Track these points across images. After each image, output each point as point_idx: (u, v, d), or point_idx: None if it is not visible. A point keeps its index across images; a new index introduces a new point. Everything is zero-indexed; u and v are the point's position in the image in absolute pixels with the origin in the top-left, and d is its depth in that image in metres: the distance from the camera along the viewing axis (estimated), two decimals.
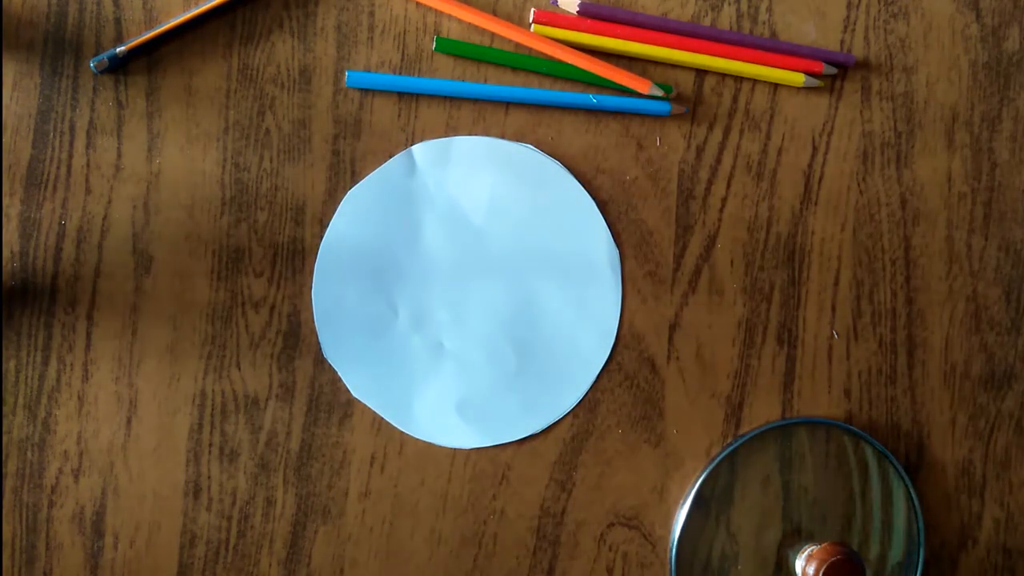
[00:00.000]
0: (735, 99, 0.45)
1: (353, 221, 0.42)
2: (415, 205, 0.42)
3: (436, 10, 0.42)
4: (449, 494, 0.43)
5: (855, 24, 0.46)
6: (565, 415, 0.44)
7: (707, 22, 0.45)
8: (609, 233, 0.44)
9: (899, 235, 0.47)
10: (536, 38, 0.43)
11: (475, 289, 0.43)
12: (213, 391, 0.41)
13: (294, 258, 0.42)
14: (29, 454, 0.40)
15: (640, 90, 0.43)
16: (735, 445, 0.45)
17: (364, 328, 0.42)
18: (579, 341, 0.43)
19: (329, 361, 0.42)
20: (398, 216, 0.42)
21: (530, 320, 0.43)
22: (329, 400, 0.41)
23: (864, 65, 0.46)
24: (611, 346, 0.44)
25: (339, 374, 0.42)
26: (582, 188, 0.43)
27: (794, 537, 0.45)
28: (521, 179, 0.43)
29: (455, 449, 0.43)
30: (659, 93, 0.44)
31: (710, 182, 0.45)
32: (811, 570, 0.42)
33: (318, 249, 0.42)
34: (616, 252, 0.44)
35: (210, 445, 0.41)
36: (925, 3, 0.47)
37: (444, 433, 0.43)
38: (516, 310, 0.43)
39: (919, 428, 0.47)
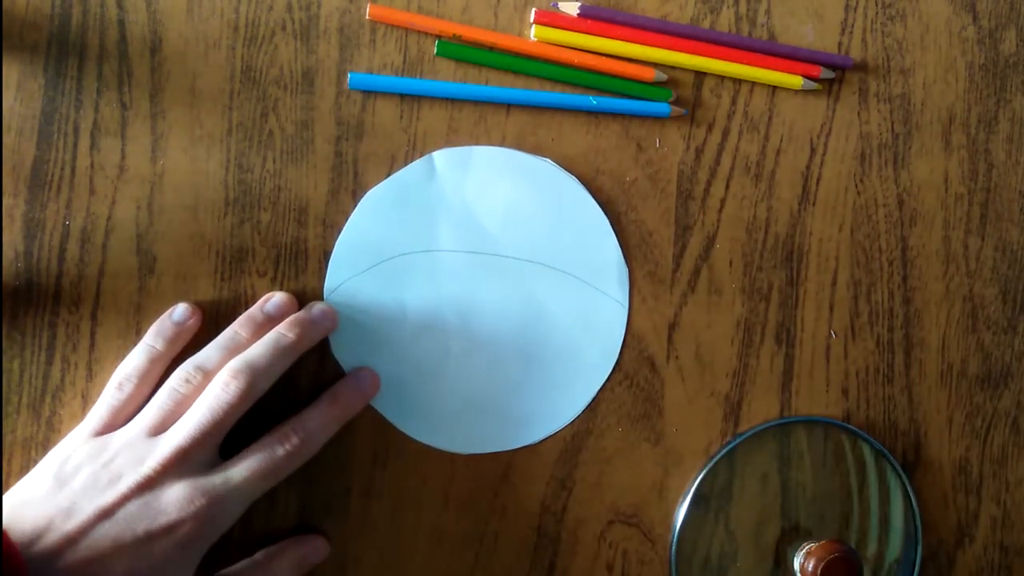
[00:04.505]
0: (734, 101, 0.45)
1: (370, 221, 0.42)
2: (432, 209, 0.43)
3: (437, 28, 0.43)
4: (451, 492, 0.43)
5: (853, 26, 0.47)
6: (563, 427, 0.44)
7: (706, 24, 0.45)
8: (620, 250, 0.44)
9: (896, 235, 0.47)
10: (537, 46, 0.43)
11: (485, 296, 0.43)
12: None
13: (297, 258, 0.42)
14: (33, 453, 0.40)
15: (644, 78, 0.44)
16: (734, 443, 0.45)
17: (373, 328, 0.42)
18: (583, 355, 0.44)
19: (337, 359, 0.42)
20: (414, 219, 0.42)
21: (537, 330, 0.43)
22: None
23: (862, 67, 0.47)
24: (614, 362, 0.44)
25: (345, 372, 0.42)
26: (596, 204, 0.44)
27: (792, 534, 0.45)
28: (537, 191, 0.43)
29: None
30: (664, 78, 0.44)
31: (709, 183, 0.45)
32: (809, 567, 0.43)
33: (321, 250, 0.42)
34: (626, 270, 0.44)
35: None
36: (922, 5, 0.47)
37: (445, 437, 0.43)
38: (524, 319, 0.43)
39: (916, 427, 0.47)
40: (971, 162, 0.48)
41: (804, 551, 0.44)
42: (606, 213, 0.44)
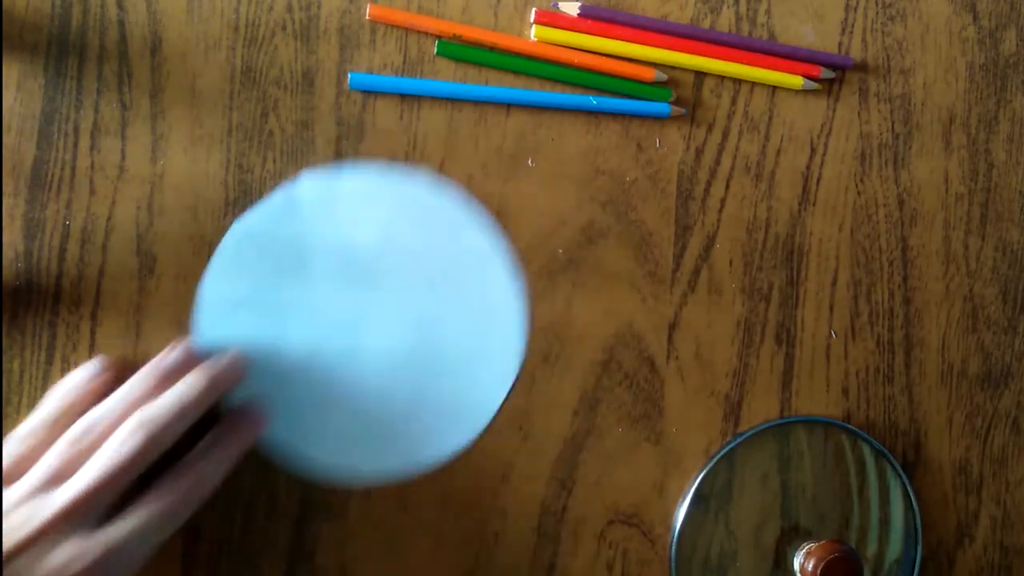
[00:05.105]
0: (734, 101, 0.45)
1: (238, 256, 0.41)
2: (302, 240, 0.41)
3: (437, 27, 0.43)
4: (451, 492, 0.43)
5: (853, 26, 0.47)
6: (463, 448, 0.43)
7: (706, 24, 0.45)
8: (503, 246, 0.43)
9: (896, 235, 0.47)
10: (537, 46, 0.43)
11: (370, 323, 0.42)
12: None
13: None
14: None
15: (644, 78, 0.44)
16: (734, 443, 0.45)
17: (257, 367, 0.41)
18: (482, 363, 0.43)
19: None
20: (284, 252, 0.41)
21: (427, 349, 0.42)
22: None
23: (862, 67, 0.47)
24: (519, 363, 0.43)
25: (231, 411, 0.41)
26: (473, 212, 0.43)
27: (792, 534, 0.45)
28: (413, 210, 0.42)
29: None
30: (664, 78, 0.44)
31: (709, 183, 0.45)
32: (809, 567, 0.43)
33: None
34: (512, 265, 0.43)
35: None
36: (922, 5, 0.47)
37: (343, 469, 0.42)
38: (412, 343, 0.42)
39: (916, 427, 0.48)
40: (971, 162, 0.48)
41: (804, 551, 0.44)
42: (606, 213, 0.44)
